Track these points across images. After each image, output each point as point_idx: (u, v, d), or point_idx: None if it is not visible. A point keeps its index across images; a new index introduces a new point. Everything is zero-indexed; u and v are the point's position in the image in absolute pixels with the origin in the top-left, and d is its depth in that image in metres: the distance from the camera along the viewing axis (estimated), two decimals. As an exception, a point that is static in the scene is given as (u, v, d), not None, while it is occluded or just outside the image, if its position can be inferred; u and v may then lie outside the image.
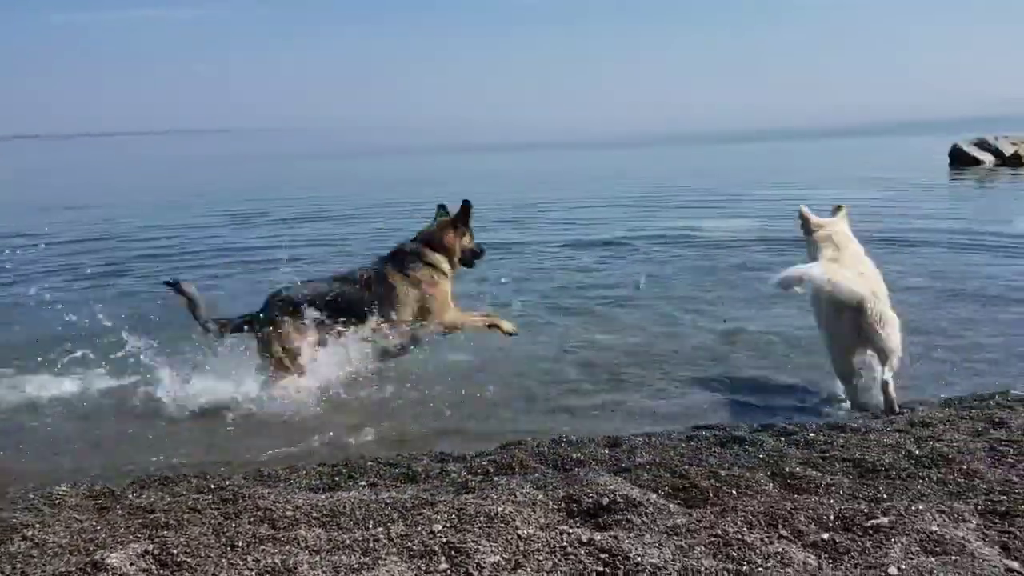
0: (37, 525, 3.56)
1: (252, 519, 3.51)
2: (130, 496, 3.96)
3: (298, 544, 3.22)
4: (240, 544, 3.26)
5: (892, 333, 5.04)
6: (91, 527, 3.55)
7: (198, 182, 34.56)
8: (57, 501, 3.92)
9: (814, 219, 5.79)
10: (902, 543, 3.03)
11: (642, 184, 23.01)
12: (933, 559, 2.91)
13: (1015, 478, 3.63)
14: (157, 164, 56.70)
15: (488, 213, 16.51)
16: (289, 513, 3.54)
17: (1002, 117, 58.62)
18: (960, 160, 23.84)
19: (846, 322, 5.09)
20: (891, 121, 71.84)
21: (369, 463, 4.39)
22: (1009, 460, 3.86)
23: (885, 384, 5.01)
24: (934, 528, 3.12)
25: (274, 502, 3.66)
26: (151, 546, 3.24)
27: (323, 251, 12.95)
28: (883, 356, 5.06)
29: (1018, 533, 3.10)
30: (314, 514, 3.52)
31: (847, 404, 5.42)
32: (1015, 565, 2.89)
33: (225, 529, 3.41)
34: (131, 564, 3.10)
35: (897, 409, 4.94)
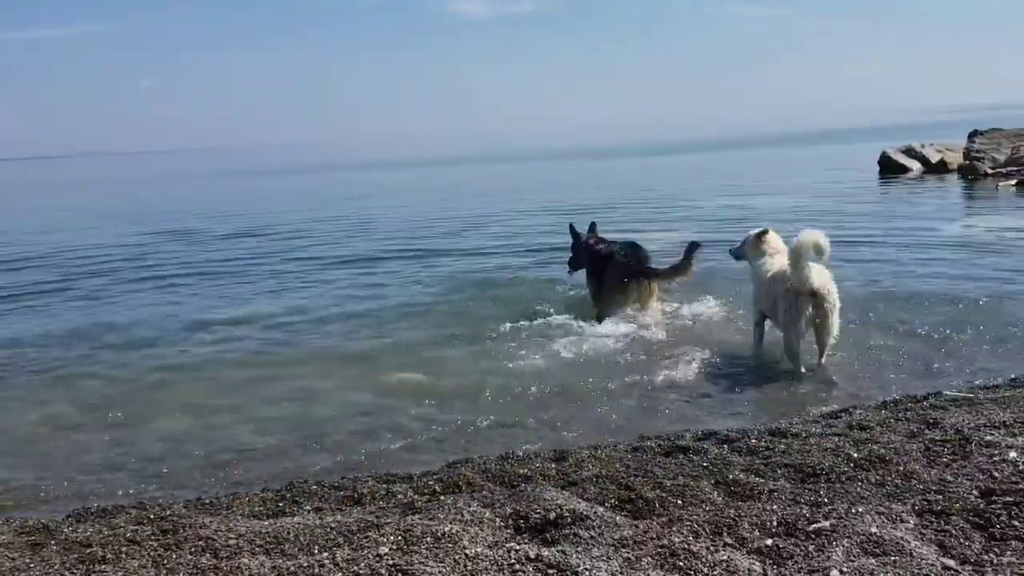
0: (-36, 567, 3.44)
1: (193, 549, 3.43)
2: (65, 530, 3.83)
3: (241, 573, 3.15)
4: (181, 576, 3.19)
5: (836, 318, 6.27)
6: (24, 565, 3.42)
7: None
8: (-13, 540, 3.78)
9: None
10: (843, 546, 3.08)
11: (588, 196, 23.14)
12: (873, 560, 2.96)
13: (949, 477, 3.73)
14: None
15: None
16: (232, 541, 3.46)
17: (935, 124, 60.53)
18: (889, 167, 24.50)
19: (804, 305, 6.15)
20: (820, 130, 73.91)
21: (313, 487, 4.34)
22: (943, 460, 3.96)
23: (822, 359, 6.36)
24: (873, 530, 3.18)
25: (216, 531, 3.58)
26: (87, 582, 3.15)
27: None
28: (824, 335, 6.25)
29: (953, 531, 3.18)
30: (257, 541, 3.45)
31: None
32: (951, 563, 2.96)
33: (165, 561, 3.32)
34: (66, 602, 3.01)
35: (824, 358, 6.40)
